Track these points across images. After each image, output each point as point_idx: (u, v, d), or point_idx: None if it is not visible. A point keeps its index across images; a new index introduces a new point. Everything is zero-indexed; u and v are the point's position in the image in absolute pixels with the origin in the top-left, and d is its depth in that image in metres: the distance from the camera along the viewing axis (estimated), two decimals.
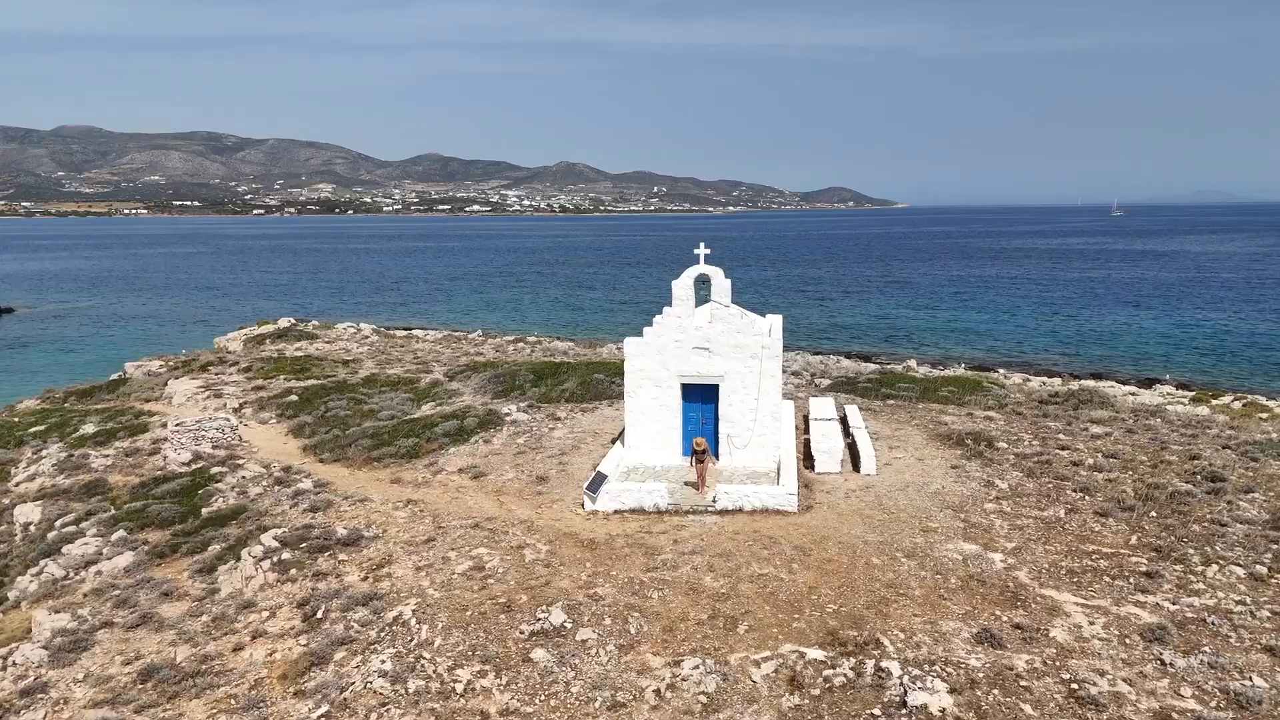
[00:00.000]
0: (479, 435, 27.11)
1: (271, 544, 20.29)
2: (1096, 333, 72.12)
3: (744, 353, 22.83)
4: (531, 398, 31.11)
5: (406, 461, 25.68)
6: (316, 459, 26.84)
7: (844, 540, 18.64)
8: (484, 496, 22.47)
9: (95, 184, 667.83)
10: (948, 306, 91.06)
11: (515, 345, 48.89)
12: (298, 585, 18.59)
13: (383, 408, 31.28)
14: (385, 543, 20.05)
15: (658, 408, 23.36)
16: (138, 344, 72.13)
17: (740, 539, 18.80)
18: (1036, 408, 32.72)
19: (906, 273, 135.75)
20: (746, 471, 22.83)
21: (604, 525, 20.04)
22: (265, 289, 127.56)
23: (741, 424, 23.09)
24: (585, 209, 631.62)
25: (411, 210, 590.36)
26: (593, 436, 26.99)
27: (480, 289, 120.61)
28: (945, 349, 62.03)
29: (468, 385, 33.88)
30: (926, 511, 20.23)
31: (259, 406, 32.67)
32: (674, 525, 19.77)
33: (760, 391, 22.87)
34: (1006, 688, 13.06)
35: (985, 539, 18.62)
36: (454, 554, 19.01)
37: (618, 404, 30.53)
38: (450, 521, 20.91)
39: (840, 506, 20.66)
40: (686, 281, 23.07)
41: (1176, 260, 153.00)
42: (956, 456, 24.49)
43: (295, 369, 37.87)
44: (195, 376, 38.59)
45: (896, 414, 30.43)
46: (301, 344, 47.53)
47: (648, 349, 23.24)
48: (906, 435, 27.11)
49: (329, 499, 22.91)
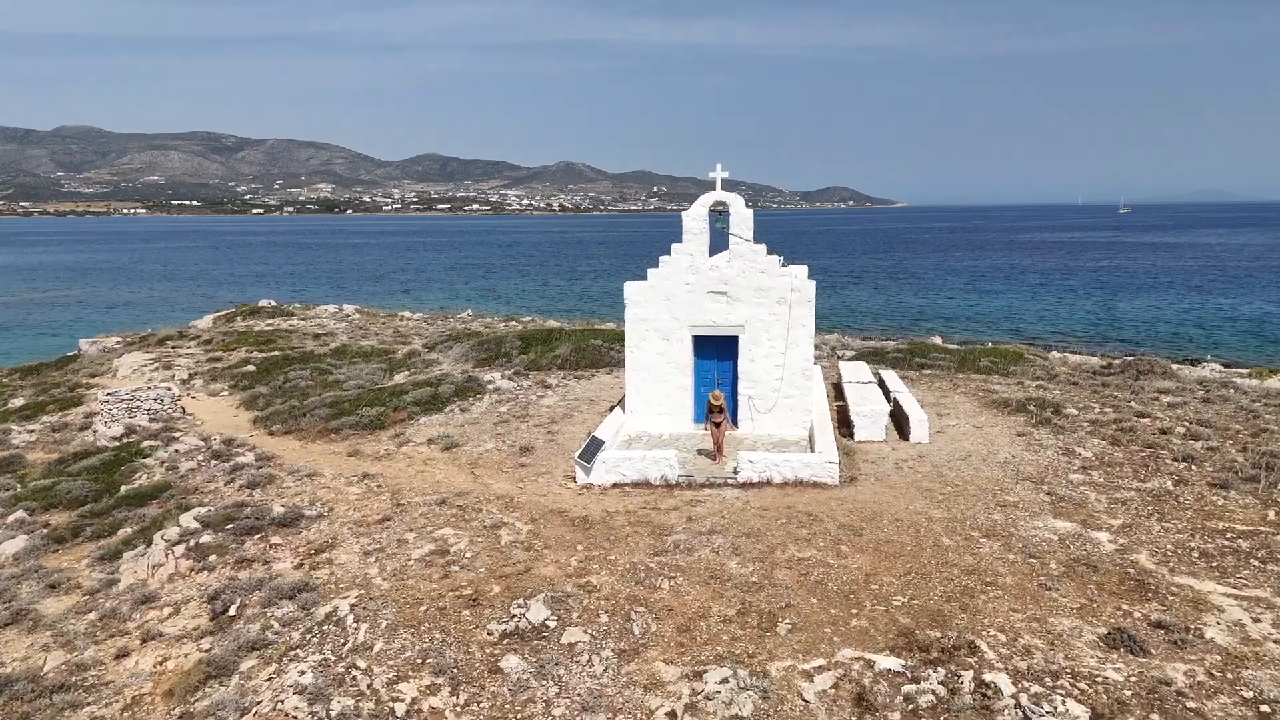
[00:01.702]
0: (455, 404, 23.26)
1: (191, 525, 16.47)
2: (1124, 317, 68.20)
3: (769, 297, 18.98)
4: (519, 365, 27.25)
5: (368, 433, 21.84)
6: (266, 431, 23.00)
7: (902, 517, 14.78)
8: (456, 469, 18.63)
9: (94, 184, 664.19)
10: (965, 293, 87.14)
11: (507, 323, 45.01)
12: (214, 575, 14.76)
13: (350, 378, 27.46)
14: (330, 523, 16.23)
15: (665, 365, 19.53)
16: (122, 328, 68.36)
17: (771, 516, 14.95)
18: (1092, 378, 28.87)
19: (918, 263, 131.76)
20: (772, 439, 18.98)
21: (600, 501, 16.21)
22: (261, 278, 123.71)
23: (766, 383, 19.23)
24: (585, 208, 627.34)
25: (411, 210, 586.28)
26: (588, 404, 23.12)
27: (480, 277, 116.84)
28: (968, 332, 58.04)
29: (449, 355, 30.02)
30: (999, 483, 16.37)
31: (211, 378, 28.83)
32: (687, 500, 15.93)
33: (788, 344, 19.02)
34: (1170, 711, 9.20)
35: (1082, 515, 14.76)
36: (412, 535, 15.19)
37: (617, 371, 26.67)
38: (412, 498, 17.08)
39: (891, 478, 16.80)
40: (700, 211, 19.22)
41: (1192, 251, 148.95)
42: (1021, 424, 20.63)
43: (259, 341, 34.03)
44: (149, 350, 34.77)
45: (937, 382, 26.56)
46: (275, 320, 43.68)
47: (653, 294, 19.40)
48: (955, 403, 23.25)
49: (271, 474, 19.10)
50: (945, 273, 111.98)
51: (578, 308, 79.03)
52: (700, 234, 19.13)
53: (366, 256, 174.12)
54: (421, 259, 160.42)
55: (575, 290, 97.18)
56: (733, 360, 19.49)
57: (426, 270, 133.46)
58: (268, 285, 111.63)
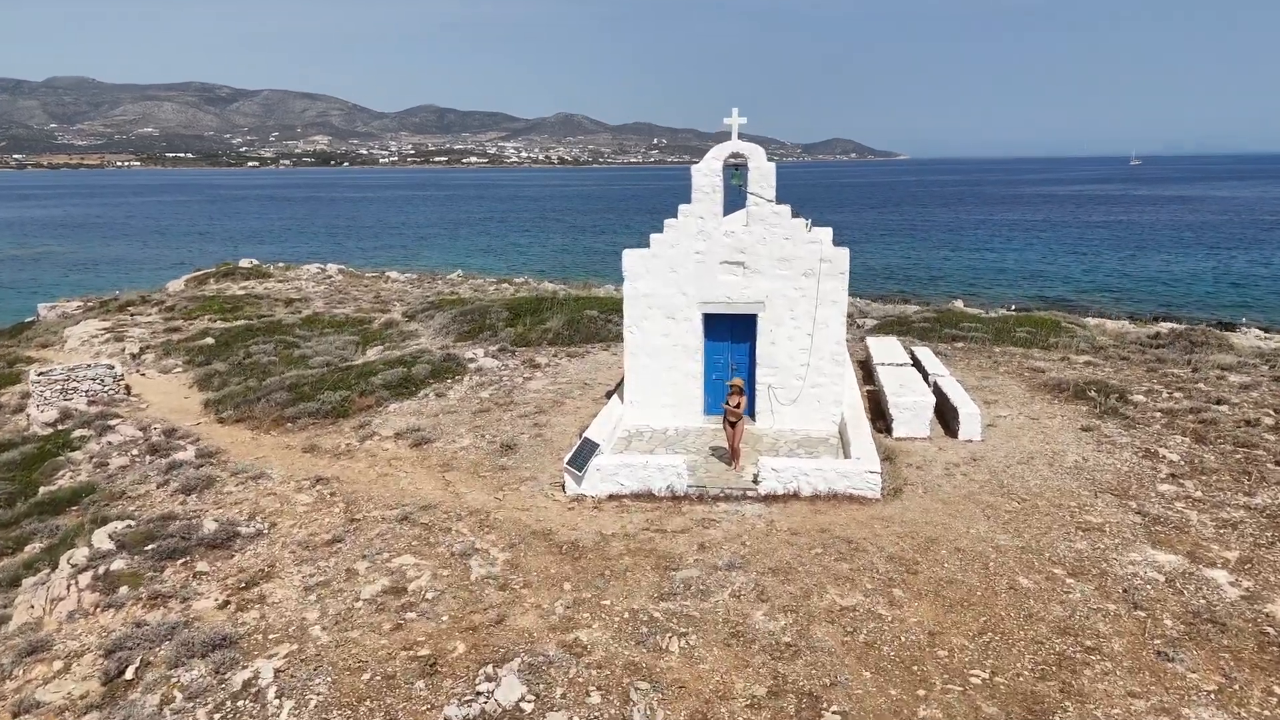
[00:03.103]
0: (431, 387, 20.41)
1: (103, 546, 13.76)
2: (1149, 274, 65.05)
3: (794, 268, 16.02)
4: (505, 340, 24.34)
5: (329, 422, 19.03)
6: (216, 417, 20.21)
7: (963, 546, 12.02)
8: (424, 473, 15.84)
9: (88, 136, 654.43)
10: (980, 250, 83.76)
11: (497, 286, 41.98)
12: (122, 614, 12.08)
13: (317, 353, 24.60)
14: (270, 543, 13.51)
15: (670, 348, 16.64)
16: (106, 287, 65.21)
17: (802, 544, 12.20)
18: (1141, 351, 25.97)
19: (927, 218, 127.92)
20: (795, 437, 16.17)
21: (593, 518, 13.46)
22: (256, 234, 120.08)
23: (789, 370, 16.36)
24: (584, 161, 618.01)
25: (408, 163, 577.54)
26: (581, 389, 20.27)
27: (480, 234, 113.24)
28: (989, 295, 54.94)
29: (429, 326, 27.11)
30: (1074, 497, 13.59)
31: (164, 352, 25.97)
32: (698, 519, 13.17)
33: (816, 323, 16.11)
34: None
35: (1186, 544, 12.00)
36: (364, 565, 12.47)
37: (615, 348, 23.80)
38: (370, 511, 14.34)
39: (942, 489, 14.02)
40: (713, 166, 16.16)
41: (1206, 204, 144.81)
42: (1083, 413, 17.80)
43: (224, 308, 31.11)
44: (106, 317, 31.88)
45: (974, 359, 23.68)
46: (250, 283, 40.67)
47: (656, 265, 16.44)
48: (1001, 386, 20.40)
49: (211, 475, 16.34)
50: (957, 229, 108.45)
51: (578, 264, 75.86)
52: (713, 193, 16.10)
53: (363, 211, 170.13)
54: (419, 214, 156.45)
55: (577, 247, 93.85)
56: (750, 343, 16.60)
57: (424, 226, 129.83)
58: (261, 241, 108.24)
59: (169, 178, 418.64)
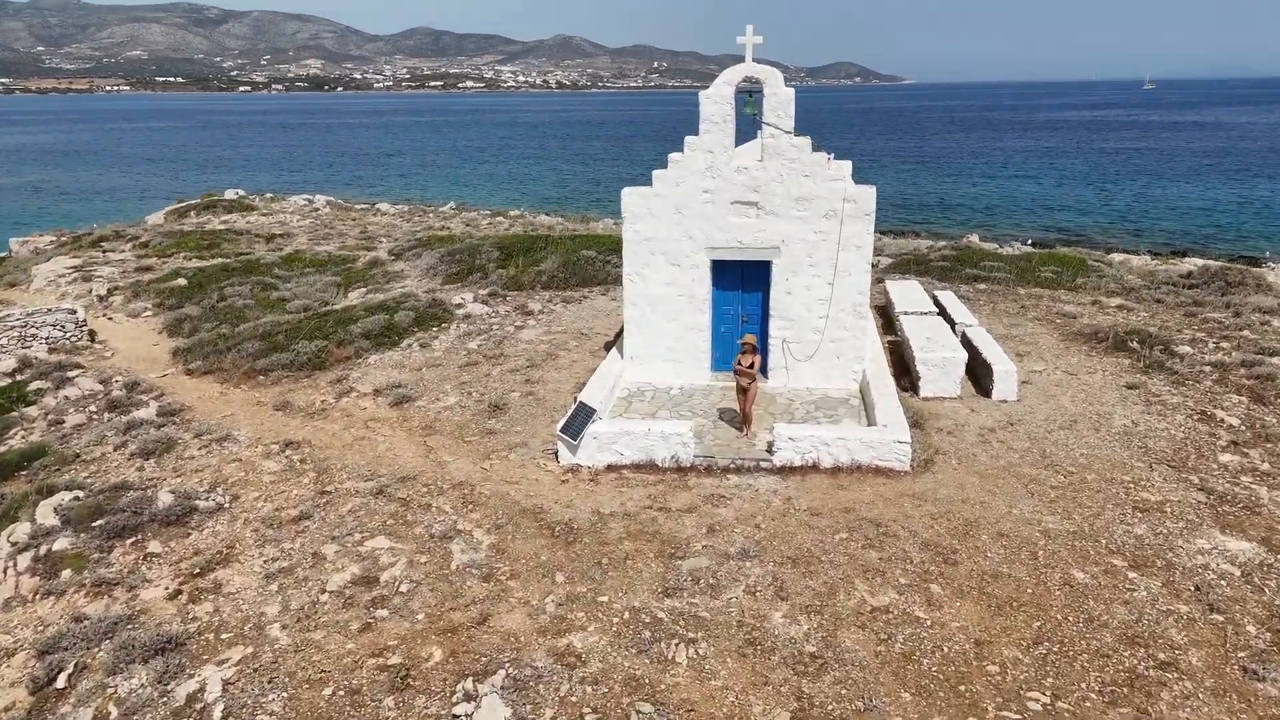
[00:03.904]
0: (414, 337, 18.87)
1: (48, 521, 12.44)
2: (1166, 205, 62.73)
3: (814, 209, 14.33)
4: (496, 282, 22.69)
5: (304, 375, 17.56)
6: (184, 369, 18.74)
7: (1007, 530, 10.65)
8: (405, 436, 14.43)
9: (75, 59, 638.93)
10: (992, 179, 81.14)
11: (491, 220, 40.05)
12: (63, 603, 10.80)
13: (296, 296, 23.00)
14: (230, 520, 12.18)
15: (674, 298, 15.06)
16: (93, 219, 63.04)
17: (824, 526, 10.83)
18: (1175, 292, 24.35)
19: (937, 145, 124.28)
20: (814, 397, 14.70)
21: (590, 493, 12.08)
22: (250, 162, 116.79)
23: (806, 322, 14.81)
24: (583, 85, 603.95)
25: (403, 87, 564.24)
26: (577, 339, 18.72)
27: (478, 162, 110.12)
28: (1005, 228, 52.87)
29: (416, 266, 25.43)
30: (1127, 469, 12.18)
31: (133, 294, 24.35)
32: (706, 495, 11.79)
33: (838, 271, 14.48)
34: None
35: (1260, 528, 10.62)
36: (333, 548, 11.14)
37: (614, 292, 22.20)
38: (343, 481, 12.97)
39: (978, 459, 12.60)
40: (724, 92, 14.32)
41: (1223, 131, 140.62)
42: (1125, 367, 16.31)
43: (201, 245, 29.37)
44: (76, 255, 30.16)
45: (999, 302, 22.09)
46: (232, 216, 38.77)
47: (659, 205, 14.73)
48: (1031, 335, 18.85)
49: (173, 437, 14.94)
50: (967, 156, 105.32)
51: (577, 196, 73.46)
52: (724, 123, 14.30)
53: (359, 139, 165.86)
54: (414, 142, 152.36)
55: (577, 177, 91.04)
56: (762, 292, 15.01)
57: (420, 154, 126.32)
58: (255, 170, 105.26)
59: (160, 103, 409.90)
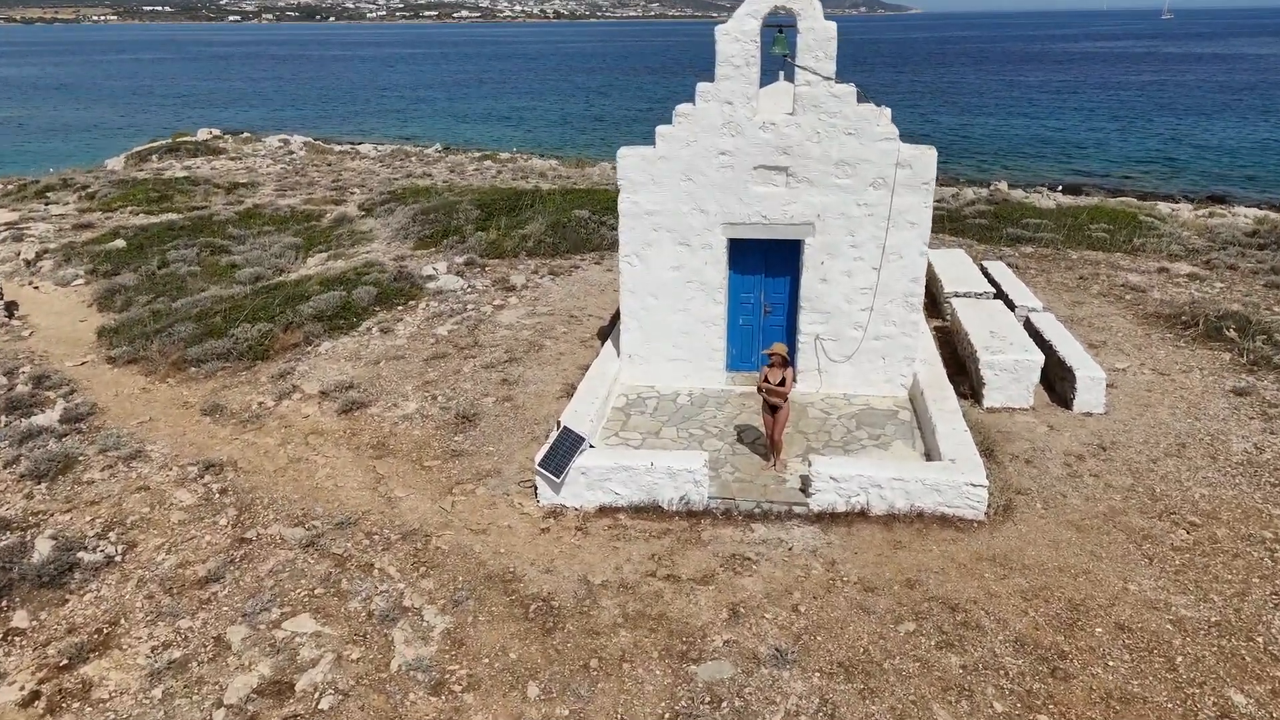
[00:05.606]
0: (376, 318, 16.07)
1: None
2: (1194, 144, 59.04)
3: (859, 176, 11.42)
4: (474, 248, 19.76)
5: (244, 367, 14.82)
6: (107, 355, 16.00)
7: (1125, 619, 8.05)
8: (351, 457, 11.75)
9: None
10: (1011, 116, 77.02)
11: (479, 165, 36.75)
12: None
13: (249, 262, 20.14)
14: (121, 580, 9.59)
15: (683, 285, 12.23)
16: (77, 158, 59.44)
17: (882, 608, 8.24)
18: (1242, 254, 21.49)
19: (950, 78, 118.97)
20: (853, 407, 11.99)
21: (575, 550, 9.45)
22: (239, 96, 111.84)
23: (845, 316, 12.01)
24: (581, 14, 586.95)
25: (396, 17, 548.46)
26: (566, 323, 15.90)
27: (474, 98, 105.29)
28: (1031, 171, 49.46)
29: (387, 224, 22.46)
30: (1262, 517, 9.54)
31: (65, 258, 21.47)
32: (726, 555, 9.17)
33: (887, 253, 11.64)
34: None
35: None
36: (242, 631, 8.56)
37: (609, 260, 19.32)
38: (269, 524, 10.34)
39: (1070, 503, 9.94)
40: (747, 25, 11.26)
41: (1248, 64, 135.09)
42: (1225, 364, 13.57)
43: (151, 197, 26.32)
44: (16, 208, 27.16)
45: (1051, 272, 19.23)
46: (196, 161, 35.56)
47: (664, 170, 11.80)
48: (1100, 315, 16.05)
49: (73, 453, 12.28)
50: (982, 92, 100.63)
51: (577, 136, 69.52)
52: (746, 67, 11.30)
53: (352, 71, 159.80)
54: (408, 75, 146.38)
55: (578, 114, 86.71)
56: (791, 277, 12.18)
57: (413, 88, 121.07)
58: (243, 106, 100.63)
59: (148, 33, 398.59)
